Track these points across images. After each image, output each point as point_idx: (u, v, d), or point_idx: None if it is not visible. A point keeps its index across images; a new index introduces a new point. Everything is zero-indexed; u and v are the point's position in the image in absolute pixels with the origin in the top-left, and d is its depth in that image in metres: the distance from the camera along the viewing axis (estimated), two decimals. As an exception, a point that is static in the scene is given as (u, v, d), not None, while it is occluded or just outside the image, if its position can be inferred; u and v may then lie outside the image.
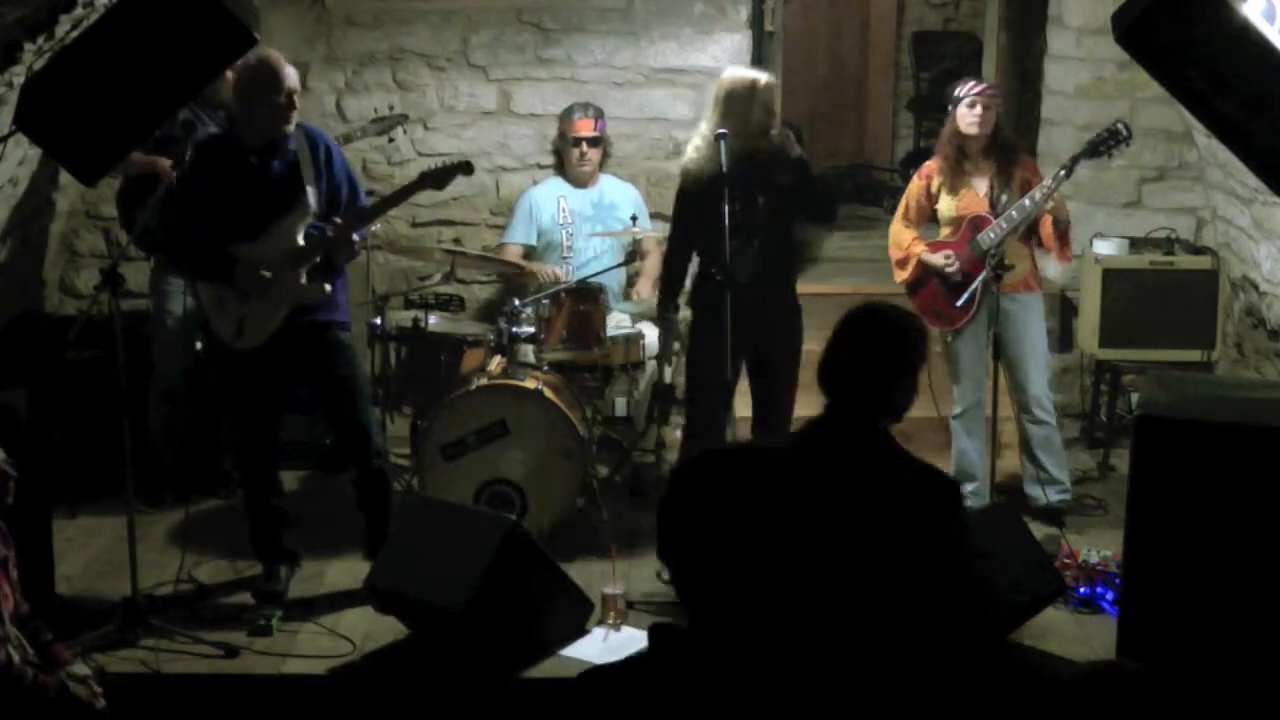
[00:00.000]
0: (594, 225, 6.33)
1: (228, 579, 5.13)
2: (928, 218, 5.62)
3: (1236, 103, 3.49)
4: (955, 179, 5.48)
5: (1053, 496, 5.57)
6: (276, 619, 4.79)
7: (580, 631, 4.72)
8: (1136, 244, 6.43)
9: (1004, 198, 5.41)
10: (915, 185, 5.61)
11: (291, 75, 4.82)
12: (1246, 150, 3.69)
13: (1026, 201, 5.31)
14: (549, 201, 6.39)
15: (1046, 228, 5.42)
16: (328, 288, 4.93)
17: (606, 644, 4.67)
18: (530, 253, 6.39)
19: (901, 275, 5.64)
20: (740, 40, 6.70)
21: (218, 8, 3.68)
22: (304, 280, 4.89)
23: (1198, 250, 6.46)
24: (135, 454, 4.85)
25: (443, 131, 6.72)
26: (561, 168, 6.58)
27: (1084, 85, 6.68)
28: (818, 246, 5.55)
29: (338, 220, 4.87)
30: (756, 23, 6.81)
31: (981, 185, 5.47)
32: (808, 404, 6.09)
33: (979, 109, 5.39)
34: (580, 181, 6.43)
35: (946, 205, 5.52)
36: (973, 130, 5.40)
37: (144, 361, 5.68)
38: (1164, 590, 4.38)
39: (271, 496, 5.13)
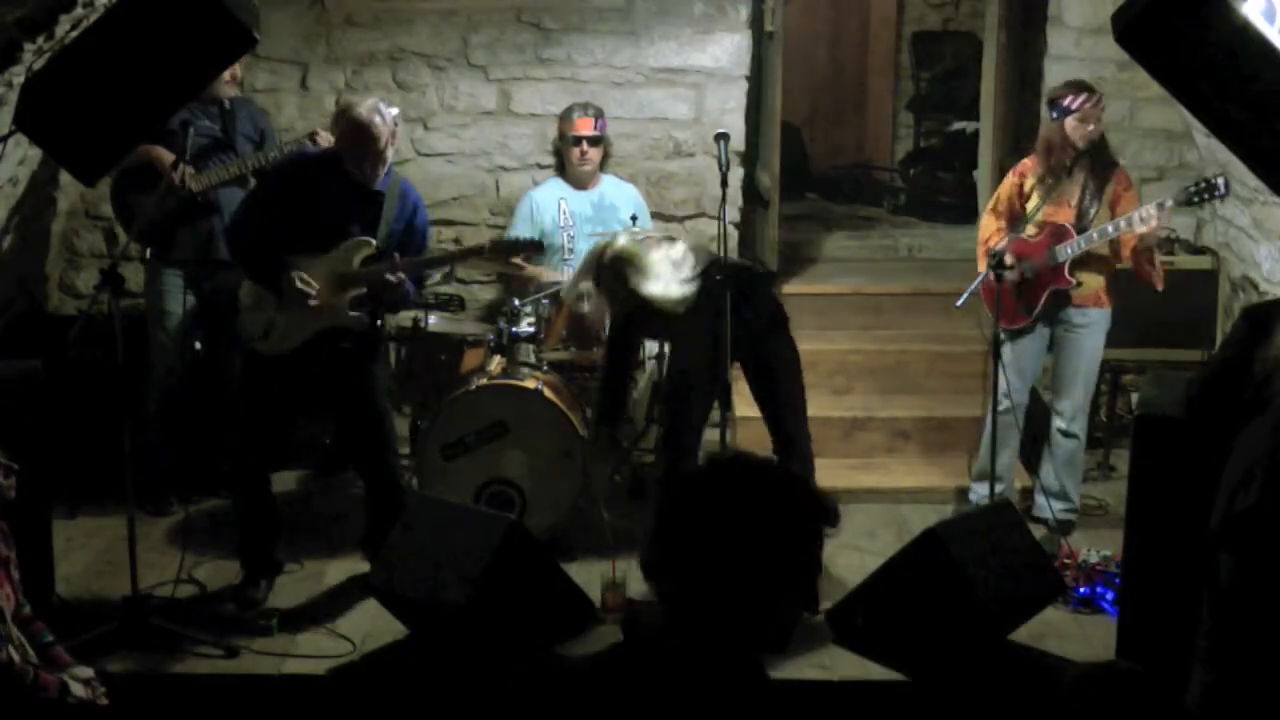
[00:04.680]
0: (595, 226, 6.32)
1: (228, 579, 5.13)
2: (1019, 216, 5.55)
3: (1236, 102, 3.48)
4: (1050, 184, 5.44)
5: (1059, 514, 5.51)
6: (276, 619, 4.80)
7: (580, 631, 4.72)
8: (1136, 244, 6.43)
9: (1092, 211, 5.40)
10: (1009, 182, 5.60)
11: (384, 132, 4.82)
12: (1247, 150, 3.69)
13: (1109, 227, 5.29)
14: (550, 204, 6.38)
15: (1128, 249, 5.36)
16: (365, 319, 4.95)
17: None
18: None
19: (982, 266, 5.60)
20: (740, 40, 6.69)
21: (218, 8, 3.69)
22: (347, 307, 4.92)
23: (1198, 250, 6.46)
24: (136, 455, 4.85)
25: (443, 131, 6.72)
26: (562, 168, 6.58)
27: (1084, 85, 6.67)
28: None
29: (397, 256, 4.89)
30: (756, 23, 6.80)
31: (1073, 194, 5.44)
32: (820, 404, 6.13)
33: (1091, 125, 5.36)
34: (581, 181, 6.42)
35: (1035, 207, 5.48)
36: (1083, 144, 5.37)
37: (144, 361, 5.68)
38: (1164, 590, 4.39)
39: (263, 507, 5.11)
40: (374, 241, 4.91)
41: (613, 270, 5.00)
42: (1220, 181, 5.20)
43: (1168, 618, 4.35)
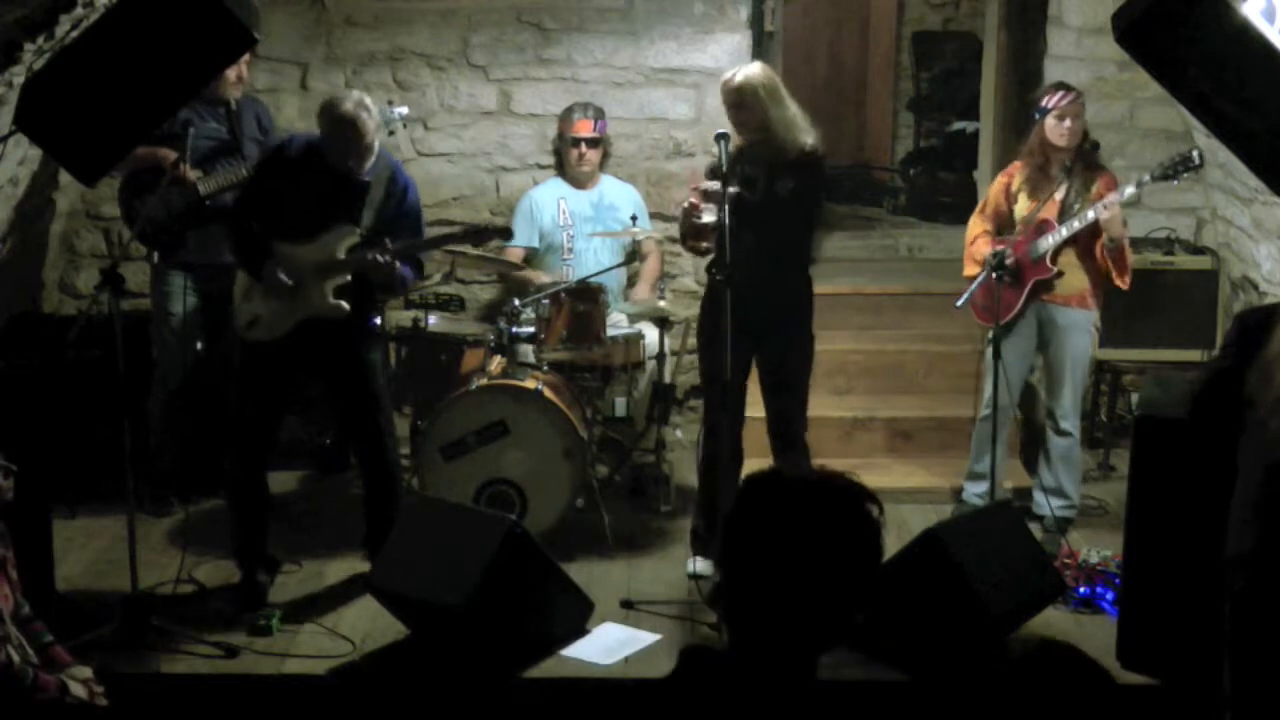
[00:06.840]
0: (594, 226, 6.33)
1: (228, 579, 5.12)
2: (1005, 217, 5.57)
3: (1236, 103, 3.49)
4: (1036, 184, 5.47)
5: (1058, 511, 5.49)
6: (276, 619, 4.79)
7: (580, 631, 4.73)
8: (1136, 244, 6.42)
9: (1076, 207, 5.39)
10: (997, 183, 5.63)
11: (369, 126, 4.79)
12: (1246, 150, 3.70)
13: (1089, 213, 5.28)
14: (549, 203, 6.38)
15: (1099, 246, 5.36)
16: (345, 307, 4.93)
17: (606, 644, 4.67)
18: (531, 255, 6.39)
19: (968, 269, 5.63)
20: (740, 40, 6.69)
21: (218, 8, 3.69)
22: (329, 295, 4.91)
23: (1198, 250, 6.46)
24: (136, 456, 4.85)
25: (443, 131, 6.72)
26: (561, 168, 6.58)
27: (1084, 85, 6.61)
28: (816, 248, 5.51)
29: (386, 243, 4.86)
30: (756, 23, 6.80)
31: (1059, 192, 5.45)
32: (820, 404, 6.12)
33: (1069, 121, 5.36)
34: (580, 182, 6.42)
35: (1023, 207, 5.51)
36: (1063, 143, 5.38)
37: (144, 361, 5.68)
38: (1164, 590, 4.39)
39: (258, 500, 5.11)
40: (359, 230, 4.90)
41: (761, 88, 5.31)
42: (1195, 154, 5.23)
43: (1168, 618, 4.36)
